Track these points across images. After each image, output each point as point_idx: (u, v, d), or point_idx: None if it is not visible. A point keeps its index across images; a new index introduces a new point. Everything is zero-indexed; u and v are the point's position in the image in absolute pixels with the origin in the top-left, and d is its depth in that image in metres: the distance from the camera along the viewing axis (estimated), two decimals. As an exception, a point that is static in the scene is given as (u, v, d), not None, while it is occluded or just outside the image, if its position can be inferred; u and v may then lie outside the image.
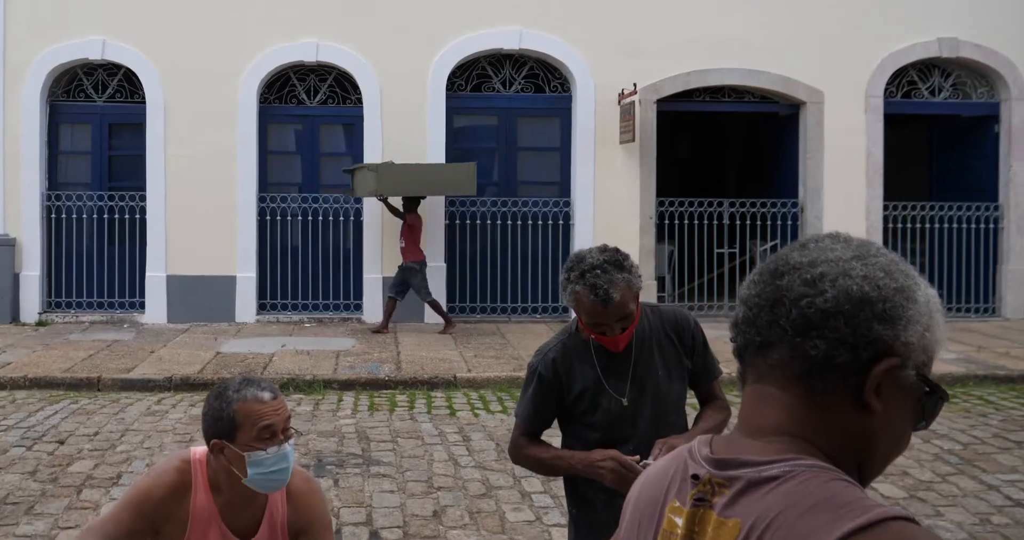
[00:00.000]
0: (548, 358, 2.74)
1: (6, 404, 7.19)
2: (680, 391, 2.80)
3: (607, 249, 2.60)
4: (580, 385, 2.71)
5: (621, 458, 2.53)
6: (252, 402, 2.28)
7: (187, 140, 10.70)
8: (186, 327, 10.42)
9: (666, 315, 2.81)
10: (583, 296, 2.50)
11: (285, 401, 2.39)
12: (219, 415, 2.30)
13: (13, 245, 10.62)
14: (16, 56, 10.68)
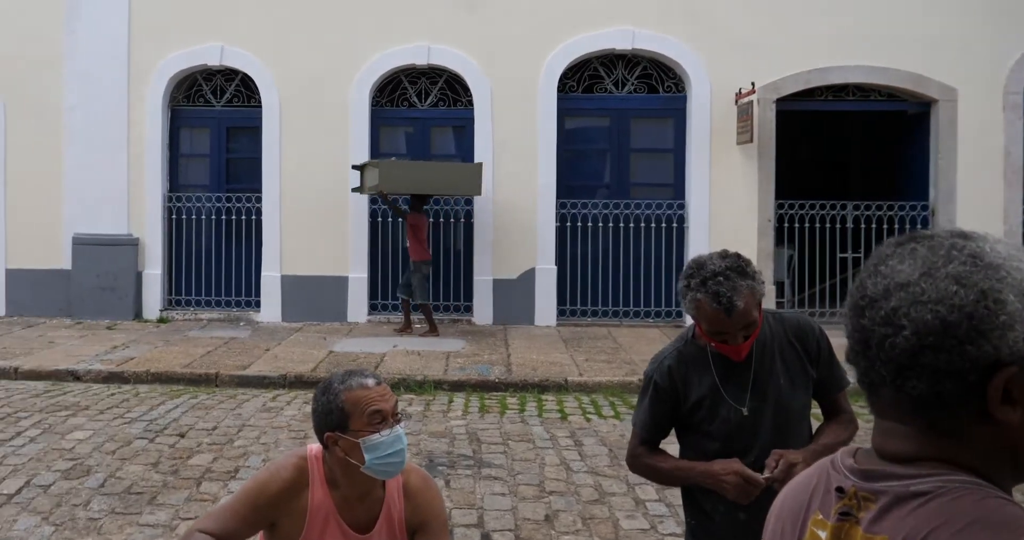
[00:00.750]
0: (664, 366, 2.67)
1: (130, 397, 7.48)
2: (804, 401, 2.69)
3: (728, 255, 2.51)
4: (697, 394, 2.63)
5: (744, 471, 2.45)
6: (358, 390, 2.33)
7: (301, 143, 10.98)
8: (299, 326, 10.68)
9: (789, 322, 2.70)
10: (705, 304, 2.41)
11: (389, 387, 2.42)
12: (328, 408, 2.34)
13: (137, 245, 11.11)
14: (140, 64, 11.16)
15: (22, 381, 8.10)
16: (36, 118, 11.34)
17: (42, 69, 11.28)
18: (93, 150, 11.14)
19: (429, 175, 10.12)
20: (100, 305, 10.96)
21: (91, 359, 8.66)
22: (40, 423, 6.62)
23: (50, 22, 11.26)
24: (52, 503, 5.05)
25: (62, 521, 4.80)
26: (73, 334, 10.16)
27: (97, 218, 11.10)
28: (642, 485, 5.30)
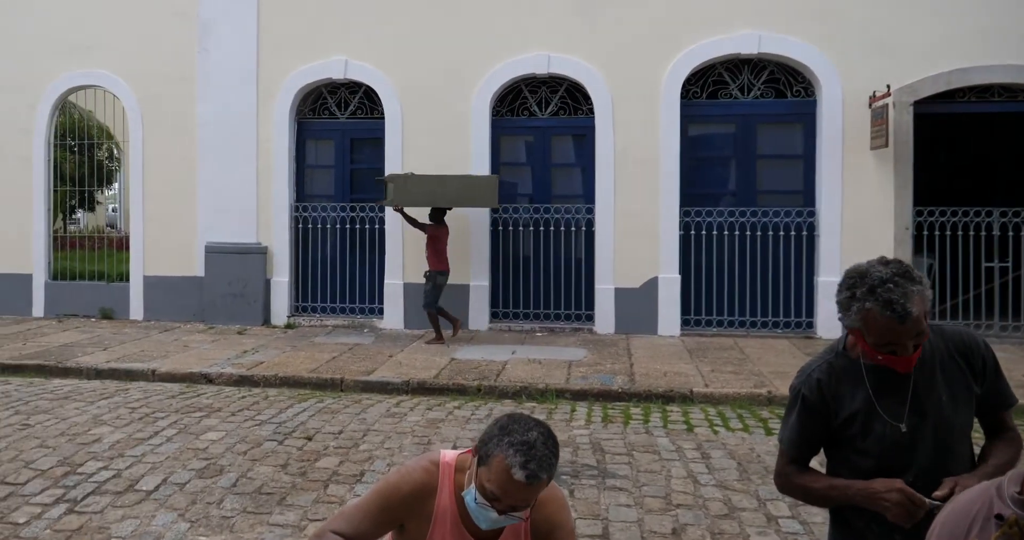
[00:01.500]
0: (812, 379, 2.53)
1: (259, 400, 7.70)
2: (966, 419, 2.51)
3: (889, 261, 2.36)
4: (849, 408, 2.49)
5: (908, 491, 2.31)
6: (507, 471, 2.22)
7: (422, 153, 11.14)
8: (422, 333, 10.81)
9: (950, 336, 2.52)
10: (875, 313, 2.26)
11: (540, 488, 2.28)
12: (486, 443, 2.30)
13: (265, 253, 11.49)
14: (268, 79, 11.56)
15: (159, 383, 8.46)
16: (172, 133, 11.90)
17: (178, 86, 11.83)
18: (225, 163, 11.60)
19: (444, 188, 10.32)
20: (231, 311, 11.38)
21: (223, 363, 8.98)
22: (176, 423, 6.87)
23: (185, 42, 11.80)
24: (188, 500, 5.21)
25: (197, 518, 4.94)
26: (206, 338, 10.58)
27: (228, 228, 11.54)
28: (774, 501, 5.10)
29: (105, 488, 5.42)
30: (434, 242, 10.27)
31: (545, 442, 2.24)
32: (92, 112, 13.40)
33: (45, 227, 12.41)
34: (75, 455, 6.06)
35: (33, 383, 8.45)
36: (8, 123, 12.43)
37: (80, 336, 10.66)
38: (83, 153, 13.77)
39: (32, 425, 6.81)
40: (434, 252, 10.25)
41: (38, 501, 5.21)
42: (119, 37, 12.03)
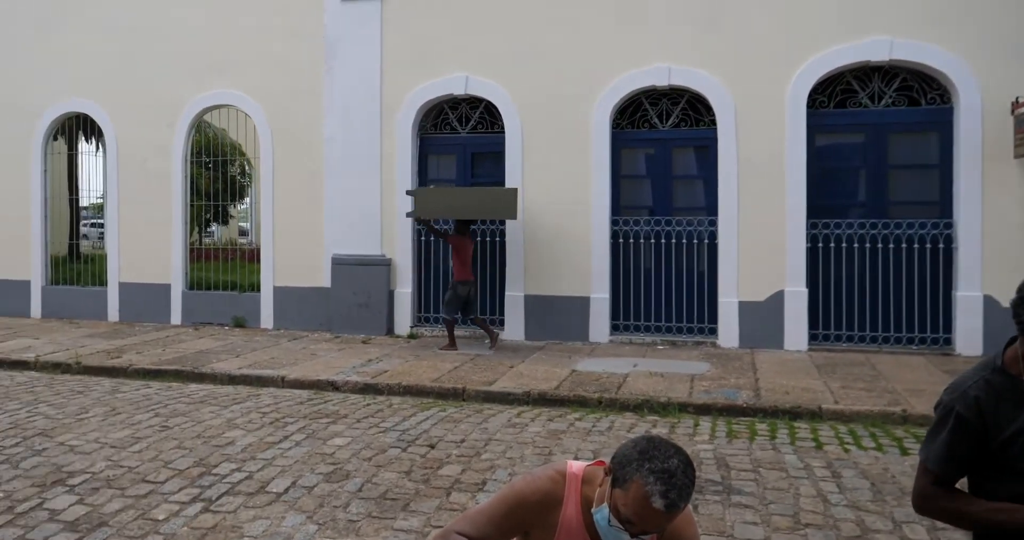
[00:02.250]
0: (969, 396, 2.37)
1: (384, 408, 7.83)
2: None
3: None
4: (1011, 429, 2.31)
5: None
6: (646, 498, 2.17)
7: (542, 166, 11.18)
8: (542, 345, 10.83)
9: None
10: None
11: (676, 515, 2.22)
12: (624, 466, 2.25)
13: (389, 265, 11.73)
14: (391, 94, 11.82)
15: (288, 389, 8.72)
16: (300, 149, 12.31)
17: (305, 104, 12.24)
18: (350, 177, 11.91)
19: (464, 201, 10.64)
20: (356, 321, 11.64)
21: (348, 371, 9.18)
22: (304, 428, 7.05)
23: (311, 62, 12.20)
24: (315, 503, 5.32)
25: (324, 521, 5.03)
26: (332, 347, 10.85)
27: (354, 240, 11.83)
28: (911, 523, 4.85)
29: (238, 489, 5.60)
30: (458, 252, 10.58)
31: (685, 470, 2.19)
32: (225, 130, 14.01)
33: (182, 240, 13.02)
34: (210, 456, 6.28)
35: (171, 387, 8.83)
36: (148, 142, 13.10)
37: (214, 343, 11.11)
38: (217, 169, 14.37)
39: (171, 427, 7.11)
40: (458, 262, 10.56)
41: (176, 499, 5.42)
42: (250, 59, 12.55)
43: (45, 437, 6.84)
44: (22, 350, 10.58)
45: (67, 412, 7.67)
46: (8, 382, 9.13)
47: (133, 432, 6.97)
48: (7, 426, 7.19)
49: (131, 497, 5.48)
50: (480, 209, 10.61)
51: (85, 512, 5.22)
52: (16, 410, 7.78)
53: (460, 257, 10.58)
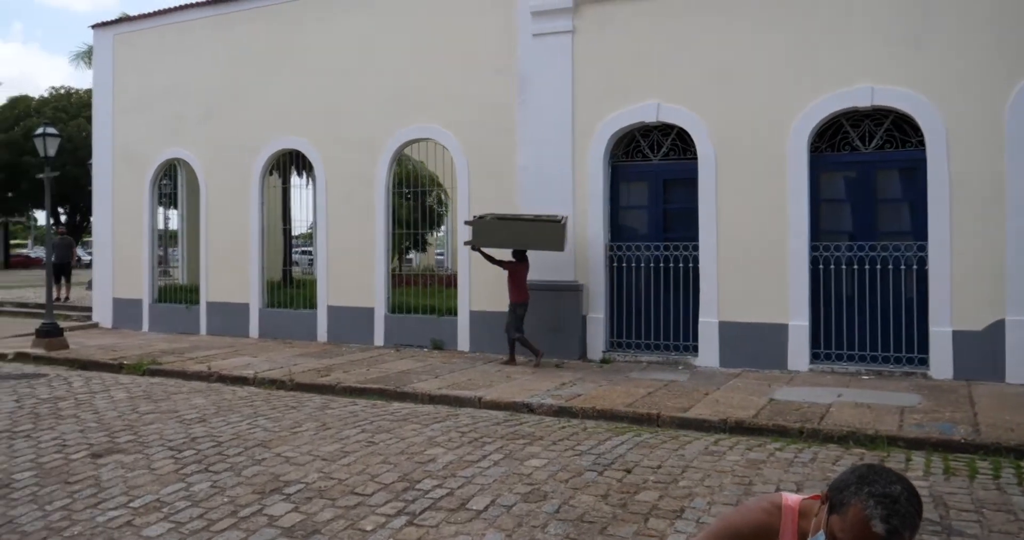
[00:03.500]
0: None
1: (578, 431, 7.75)
2: None
3: None
4: None
5: None
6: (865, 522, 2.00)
7: (737, 192, 10.86)
8: (738, 372, 10.46)
9: None
10: None
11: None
12: (841, 491, 2.09)
13: (581, 290, 11.71)
14: (582, 125, 11.85)
15: (485, 410, 8.81)
16: (494, 179, 12.56)
17: (499, 136, 12.49)
18: (542, 205, 11.99)
19: (514, 233, 11.27)
20: (549, 345, 11.65)
21: (543, 394, 9.18)
22: (501, 449, 7.08)
23: (505, 95, 12.46)
24: (514, 522, 5.30)
25: (523, 540, 5.01)
26: (526, 370, 10.91)
27: (547, 266, 11.88)
28: None
29: (440, 505, 5.67)
30: (514, 277, 11.34)
31: (909, 498, 2.00)
32: (423, 162, 14.53)
33: (385, 266, 13.55)
34: (413, 472, 6.41)
35: (376, 405, 9.13)
36: (355, 175, 13.76)
37: (415, 364, 11.43)
38: (416, 199, 14.91)
39: (376, 443, 7.33)
40: (514, 286, 11.31)
41: (382, 512, 5.55)
42: (448, 95, 12.96)
43: (264, 448, 7.20)
44: (243, 367, 11.28)
45: (282, 425, 8.07)
46: (231, 396, 9.74)
47: (342, 446, 7.23)
48: (230, 436, 7.64)
49: (341, 507, 5.66)
50: (528, 240, 11.23)
51: (300, 519, 5.44)
52: (238, 422, 8.27)
53: (515, 282, 11.33)
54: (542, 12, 12.01)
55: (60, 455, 7.14)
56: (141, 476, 6.47)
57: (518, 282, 11.37)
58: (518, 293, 11.33)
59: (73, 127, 38.98)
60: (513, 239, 11.34)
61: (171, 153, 16.10)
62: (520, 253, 11.51)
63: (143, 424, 8.23)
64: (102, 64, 17.21)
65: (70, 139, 34.41)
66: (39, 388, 10.39)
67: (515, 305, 11.30)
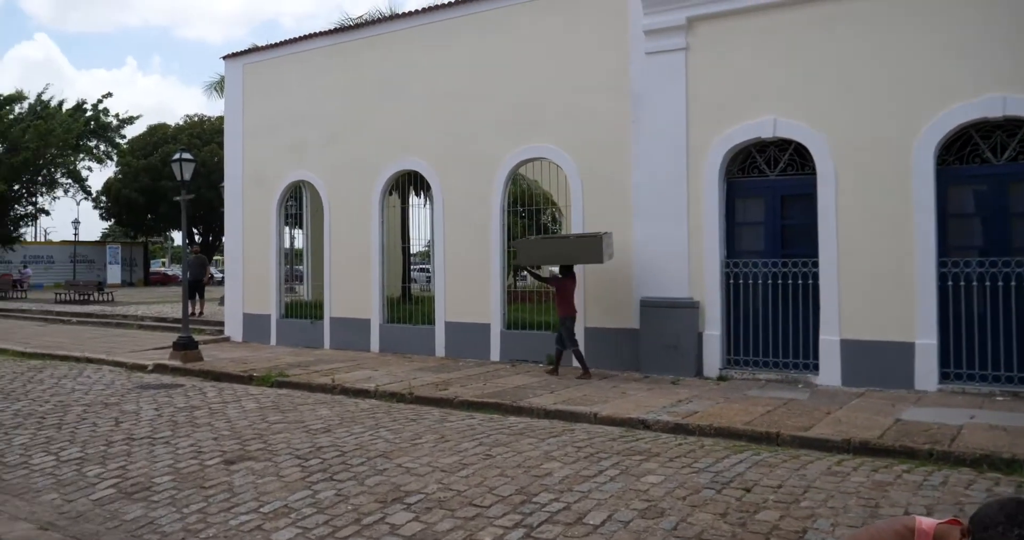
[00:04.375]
0: None
1: (695, 449, 7.61)
2: None
3: None
4: None
5: None
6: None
7: (858, 208, 10.49)
8: (861, 391, 10.06)
9: None
10: None
11: None
12: (987, 528, 2.02)
13: (697, 307, 11.52)
14: (697, 142, 11.69)
15: (600, 426, 8.74)
16: (608, 196, 12.52)
17: (612, 154, 12.46)
18: (656, 222, 11.90)
19: (556, 249, 11.93)
20: (664, 362, 11.52)
21: (659, 410, 9.05)
22: (617, 464, 7.00)
23: (618, 113, 12.43)
24: (631, 538, 5.25)
25: (643, 555, 4.93)
26: (642, 387, 10.79)
27: (662, 283, 11.77)
28: None
29: (557, 518, 5.65)
30: (561, 292, 11.86)
31: None
32: (537, 181, 14.62)
33: (500, 283, 13.66)
34: (530, 485, 6.41)
35: (493, 419, 9.19)
36: (471, 195, 13.95)
37: (530, 379, 11.45)
38: (530, 218, 14.99)
39: (493, 456, 7.36)
40: (562, 301, 11.83)
41: (500, 524, 5.57)
42: (562, 115, 13.02)
43: (385, 458, 7.34)
44: (364, 380, 11.54)
45: (403, 437, 8.21)
46: (353, 408, 9.97)
47: (460, 458, 7.30)
48: (354, 447, 7.81)
49: (460, 518, 5.71)
50: (570, 256, 11.72)
51: (420, 529, 5.51)
52: (361, 433, 8.45)
53: (563, 297, 11.83)
54: (655, 31, 11.94)
55: (196, 461, 7.46)
56: (270, 483, 6.68)
57: (565, 297, 11.82)
58: (566, 308, 11.79)
59: (206, 152, 40.99)
60: (555, 255, 11.98)
61: (296, 175, 16.70)
62: (566, 269, 11.98)
63: (272, 433, 8.52)
64: (232, 92, 18.03)
65: (203, 164, 36.15)
66: (176, 398, 10.89)
67: (564, 318, 11.78)
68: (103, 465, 7.41)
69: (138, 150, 46.63)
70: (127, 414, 9.76)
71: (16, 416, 9.76)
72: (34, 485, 6.90)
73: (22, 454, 7.93)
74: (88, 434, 8.70)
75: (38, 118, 40.95)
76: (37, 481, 7.02)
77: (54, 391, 11.53)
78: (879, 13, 10.47)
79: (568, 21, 13.04)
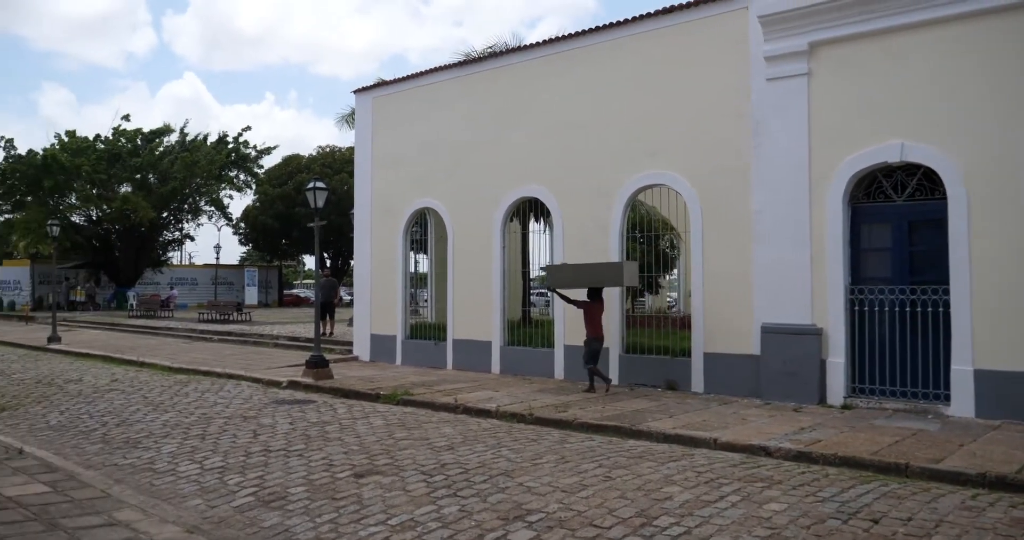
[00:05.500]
0: None
1: (819, 477, 7.34)
2: None
3: None
4: None
5: None
6: None
7: (993, 234, 9.97)
8: (997, 423, 9.50)
9: None
10: None
11: None
12: None
13: (820, 334, 11.15)
14: (820, 165, 11.38)
15: (720, 451, 8.55)
16: (727, 222, 12.33)
17: (732, 180, 12.28)
18: (777, 248, 11.63)
19: (583, 273, 12.78)
20: (786, 389, 11.20)
21: (780, 438, 8.78)
22: (739, 491, 6.84)
23: (738, 139, 12.26)
24: (757, 565, 5.10)
25: (768, 583, 4.79)
26: (762, 413, 10.50)
27: (783, 309, 11.47)
28: None
29: (678, 542, 5.56)
30: (589, 315, 12.63)
31: None
32: (655, 208, 14.51)
33: (619, 308, 13.59)
34: (650, 508, 6.33)
35: (612, 442, 9.12)
36: (590, 221, 13.98)
37: (648, 404, 11.31)
38: (648, 243, 14.88)
39: (613, 478, 7.31)
40: (589, 323, 12.58)
41: (622, 546, 5.51)
42: (681, 141, 12.92)
43: (507, 477, 7.38)
44: (486, 401, 11.65)
45: (524, 457, 8.24)
46: (475, 427, 10.08)
47: (580, 479, 7.27)
48: (476, 464, 7.89)
49: (580, 538, 5.70)
50: (596, 280, 12.61)
51: (543, 547, 5.51)
52: (483, 451, 8.53)
53: (590, 319, 12.60)
54: (776, 57, 11.74)
55: (327, 473, 7.69)
56: (397, 496, 6.82)
57: (592, 319, 12.59)
58: (592, 329, 12.55)
59: (336, 181, 42.48)
60: (580, 278, 12.84)
61: (421, 203, 17.11)
62: (594, 293, 12.78)
63: (398, 449, 8.70)
64: (362, 124, 18.66)
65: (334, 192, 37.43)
66: (309, 413, 11.25)
67: (590, 339, 12.56)
68: (242, 474, 7.73)
69: (274, 179, 48.82)
70: (264, 427, 10.15)
71: (164, 426, 10.29)
72: (181, 491, 7.26)
73: (170, 462, 8.36)
74: (229, 445, 9.10)
75: (184, 150, 43.50)
76: (183, 487, 7.38)
77: (198, 404, 12.10)
78: (1016, 29, 9.99)
79: (687, 49, 12.97)
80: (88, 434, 9.98)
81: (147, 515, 6.33)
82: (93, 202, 41.64)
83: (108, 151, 41.99)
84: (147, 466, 8.23)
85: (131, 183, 42.87)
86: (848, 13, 11.14)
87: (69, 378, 15.63)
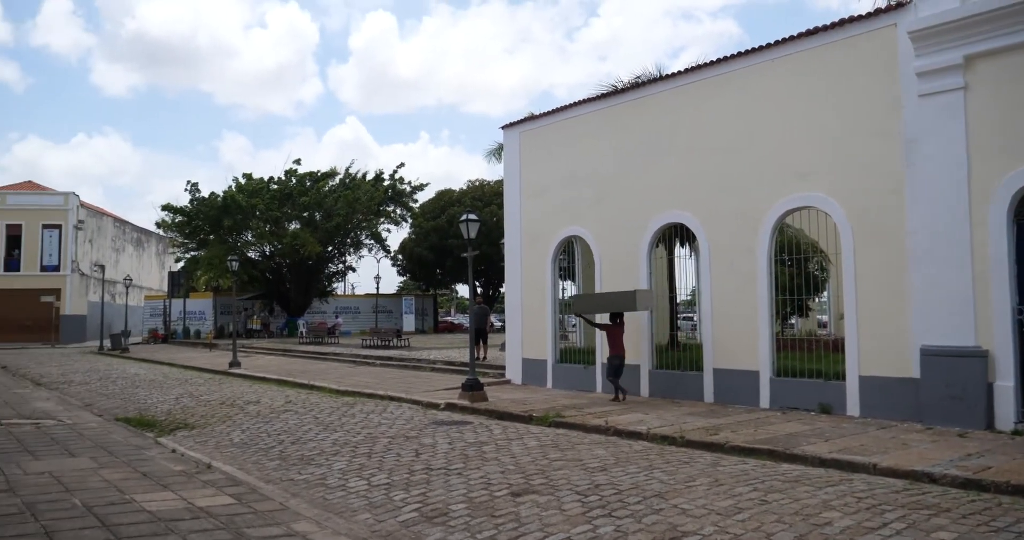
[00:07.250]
0: None
1: (991, 506, 6.81)
2: None
3: None
4: None
5: None
6: None
7: None
8: None
9: None
10: None
11: None
12: None
13: (986, 356, 10.40)
14: (980, 181, 10.69)
15: (880, 477, 8.07)
16: (880, 243, 11.76)
17: (884, 200, 11.72)
18: (935, 268, 10.97)
19: (600, 300, 14.84)
20: (948, 413, 10.50)
21: (946, 464, 8.20)
22: (904, 518, 6.44)
23: (890, 158, 11.71)
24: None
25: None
26: (924, 438, 9.86)
27: (943, 331, 10.79)
28: None
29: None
30: (611, 336, 14.42)
31: None
32: (802, 230, 14.00)
33: (769, 331, 13.14)
34: (809, 533, 6.06)
35: (765, 465, 8.78)
36: (737, 245, 13.63)
37: (801, 427, 10.84)
38: (796, 266, 14.36)
39: (769, 502, 7.04)
40: (611, 343, 14.41)
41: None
42: (830, 162, 12.45)
43: (661, 498, 7.24)
44: (636, 423, 11.48)
45: (677, 479, 8.06)
46: (627, 449, 9.95)
47: (735, 502, 7.04)
48: (629, 486, 7.78)
49: (739, 562, 5.49)
50: (611, 306, 14.46)
51: (700, 569, 5.35)
52: (636, 473, 8.41)
53: (612, 340, 14.38)
54: (929, 72, 11.16)
55: (485, 491, 7.76)
56: (553, 515, 6.81)
57: (614, 340, 14.36)
58: (614, 348, 14.34)
59: (486, 213, 43.38)
60: (597, 305, 14.84)
61: (568, 231, 17.18)
62: (615, 317, 14.52)
63: (552, 469, 8.69)
64: (510, 157, 18.97)
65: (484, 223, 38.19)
66: (466, 433, 11.43)
67: (612, 357, 14.35)
68: (407, 491, 7.92)
69: (428, 213, 50.37)
70: (425, 447, 10.38)
71: (335, 445, 10.69)
72: (351, 505, 7.51)
73: (340, 478, 8.67)
74: (393, 463, 9.35)
75: (347, 189, 45.57)
76: (353, 502, 7.63)
77: (363, 424, 12.52)
78: None
79: (833, 69, 12.52)
80: (267, 451, 10.49)
81: (321, 527, 6.57)
82: (267, 238, 44.13)
83: (280, 191, 44.52)
84: (320, 481, 8.56)
85: (299, 220, 45.21)
86: (1004, 23, 10.47)
87: (248, 400, 16.51)
